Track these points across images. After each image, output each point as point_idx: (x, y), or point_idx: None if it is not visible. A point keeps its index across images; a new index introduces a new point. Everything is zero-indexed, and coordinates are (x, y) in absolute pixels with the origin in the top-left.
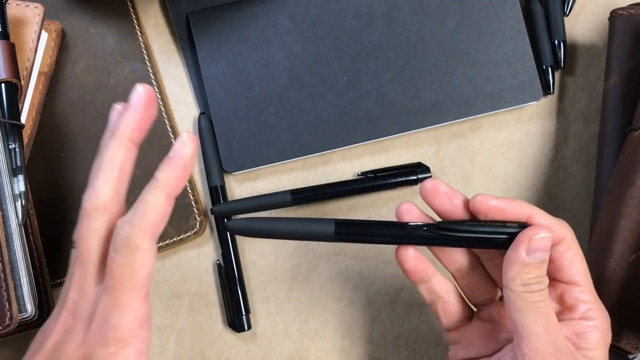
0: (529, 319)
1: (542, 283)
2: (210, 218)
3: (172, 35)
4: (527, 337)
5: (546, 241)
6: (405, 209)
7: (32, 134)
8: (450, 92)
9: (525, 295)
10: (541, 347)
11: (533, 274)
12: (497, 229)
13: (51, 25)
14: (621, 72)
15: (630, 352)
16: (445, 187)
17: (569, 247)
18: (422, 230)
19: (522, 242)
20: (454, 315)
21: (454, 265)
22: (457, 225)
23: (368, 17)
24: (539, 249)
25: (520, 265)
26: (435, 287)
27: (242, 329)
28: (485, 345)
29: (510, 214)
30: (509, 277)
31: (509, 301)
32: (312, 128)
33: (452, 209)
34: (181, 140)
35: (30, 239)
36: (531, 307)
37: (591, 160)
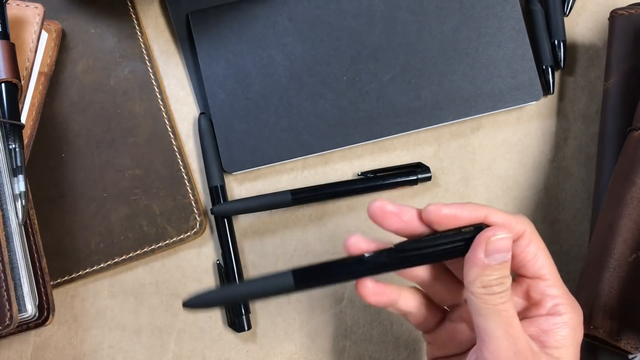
0: (490, 322)
1: (503, 284)
2: (210, 218)
3: (172, 35)
4: (488, 340)
5: (505, 241)
6: (353, 244)
7: (32, 134)
8: (450, 92)
9: (486, 297)
10: (501, 351)
11: (494, 275)
12: (453, 237)
13: (51, 25)
14: (621, 72)
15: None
16: (392, 207)
17: (530, 240)
18: (381, 258)
19: (480, 245)
20: (425, 323)
21: (418, 279)
22: (415, 244)
23: (368, 17)
24: (498, 250)
25: (479, 267)
26: (402, 307)
27: (242, 329)
28: (458, 344)
29: (464, 218)
30: (469, 280)
31: (471, 304)
32: (312, 128)
33: (404, 225)
34: None
35: (30, 239)
36: (492, 310)
37: (591, 160)
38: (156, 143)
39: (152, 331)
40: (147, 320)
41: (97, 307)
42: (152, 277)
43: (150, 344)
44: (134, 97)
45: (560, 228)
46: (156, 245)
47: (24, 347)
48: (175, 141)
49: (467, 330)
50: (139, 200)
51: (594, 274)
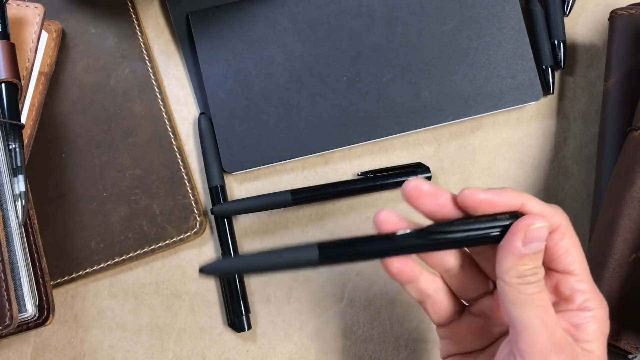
0: (526, 312)
1: (538, 274)
2: (210, 218)
3: (172, 35)
4: (524, 331)
5: (543, 231)
6: (384, 218)
7: (32, 134)
8: (450, 92)
9: (521, 287)
10: (539, 342)
11: (529, 265)
12: (489, 223)
13: (51, 25)
14: (621, 72)
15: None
16: (428, 187)
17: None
18: (412, 238)
19: (518, 233)
20: (443, 312)
21: (442, 266)
22: (448, 227)
23: (368, 17)
24: (535, 239)
25: (515, 256)
26: (423, 286)
27: (242, 329)
28: (477, 339)
29: (501, 205)
30: (504, 269)
31: (504, 294)
32: (312, 128)
33: (438, 208)
34: None
35: (30, 239)
36: (527, 299)
37: (591, 160)
38: (156, 143)
39: (152, 331)
40: (147, 320)
41: (97, 307)
42: (152, 277)
43: (150, 344)
44: (134, 97)
45: None
46: (156, 245)
47: (24, 347)
48: (175, 141)
49: (488, 325)
50: (139, 200)
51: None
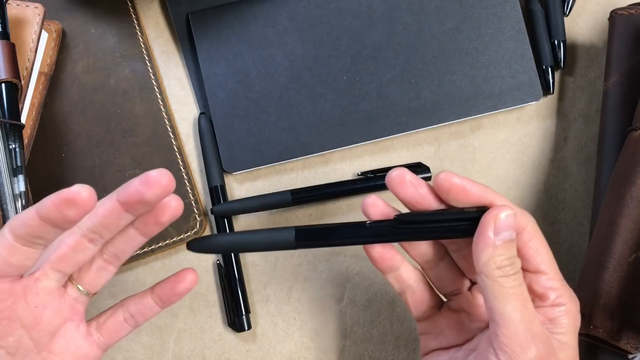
0: (506, 305)
1: (515, 265)
2: (210, 218)
3: (172, 35)
4: (504, 324)
5: (510, 219)
6: (371, 203)
7: (32, 134)
8: (450, 92)
9: (502, 280)
10: (519, 334)
11: (505, 255)
12: (457, 215)
13: (51, 25)
14: (621, 72)
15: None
16: (411, 177)
17: (532, 235)
18: (382, 227)
19: (488, 224)
20: (423, 304)
21: (422, 257)
22: (416, 217)
23: (368, 17)
24: (505, 227)
25: (490, 247)
26: (404, 276)
27: (242, 329)
28: (456, 334)
29: (473, 195)
30: (482, 262)
31: (485, 288)
32: (312, 128)
33: (418, 198)
34: None
35: None
36: (508, 292)
37: (591, 160)
38: (156, 143)
39: (152, 331)
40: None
41: (97, 307)
42: (152, 277)
43: (150, 344)
44: (134, 97)
45: (560, 228)
46: (156, 245)
47: None
48: (175, 141)
49: (467, 320)
50: None
51: (594, 274)
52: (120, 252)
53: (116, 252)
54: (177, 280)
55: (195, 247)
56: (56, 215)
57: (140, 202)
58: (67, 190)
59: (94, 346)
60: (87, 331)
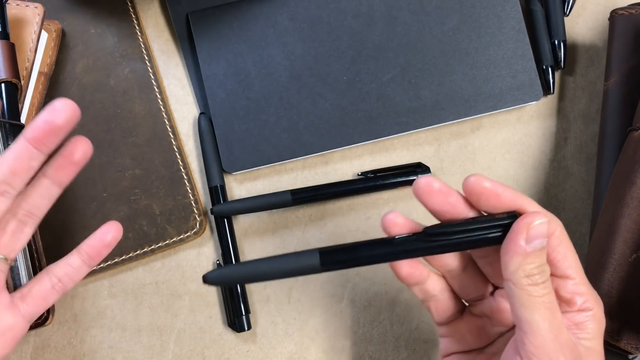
0: (534, 314)
1: (544, 273)
2: (210, 218)
3: (172, 35)
4: (532, 333)
5: (544, 227)
6: (391, 221)
7: None
8: (450, 92)
9: (530, 288)
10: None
11: (535, 263)
12: (488, 223)
13: (51, 25)
14: (621, 72)
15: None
16: (439, 185)
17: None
18: (411, 242)
19: (520, 231)
20: (446, 311)
21: (445, 267)
22: (446, 228)
23: (368, 17)
24: (537, 236)
25: (520, 256)
26: (429, 288)
27: (242, 329)
28: (477, 339)
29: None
30: (511, 270)
31: (512, 296)
32: (312, 128)
33: (448, 207)
34: None
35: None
36: (536, 302)
37: (591, 160)
38: (156, 143)
39: (152, 331)
40: (147, 320)
41: (97, 307)
42: (152, 277)
43: (150, 344)
44: (134, 97)
45: None
46: (156, 245)
47: (24, 347)
48: (175, 141)
49: (489, 325)
50: (139, 200)
51: (594, 274)
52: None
53: (30, 209)
54: (104, 232)
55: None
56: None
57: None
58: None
59: (19, 317)
60: (11, 301)
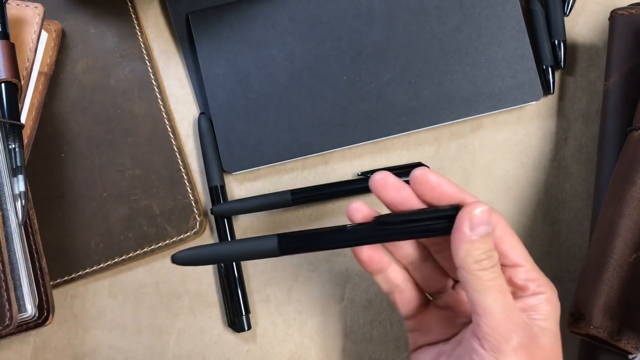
0: (487, 298)
1: (492, 258)
2: (210, 218)
3: (172, 35)
4: (486, 315)
5: (485, 214)
6: (355, 208)
7: (32, 134)
8: (450, 92)
9: (480, 273)
10: (500, 324)
11: (481, 249)
12: (433, 213)
13: (51, 25)
14: (621, 72)
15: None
16: (393, 180)
17: (505, 231)
18: (363, 230)
19: (464, 220)
20: (410, 303)
21: (406, 259)
22: (394, 218)
23: (368, 17)
24: (480, 223)
25: (467, 243)
26: (391, 276)
27: (242, 329)
28: (443, 329)
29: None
30: (461, 257)
31: (466, 282)
32: (312, 128)
33: (401, 200)
34: None
35: (30, 239)
36: (487, 285)
37: (591, 160)
38: (156, 143)
39: (152, 331)
40: (147, 320)
41: (97, 307)
42: (152, 277)
43: (150, 344)
44: (134, 97)
45: (560, 228)
46: (156, 245)
47: (24, 347)
48: (175, 141)
49: (453, 316)
50: (139, 200)
51: (594, 274)
52: None
53: None
54: None
55: (179, 259)
56: None
57: None
58: None
59: None
60: None
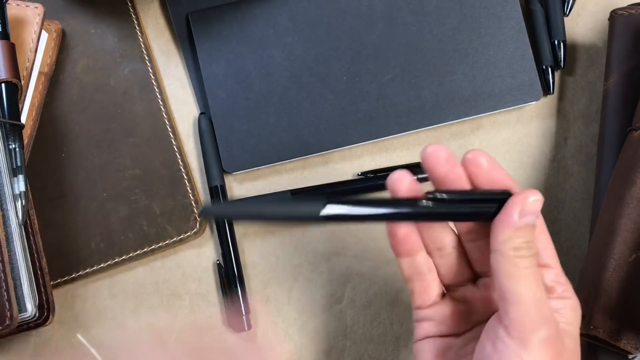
0: (519, 285)
1: (531, 249)
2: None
3: (172, 35)
4: (517, 302)
5: (537, 204)
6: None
7: (32, 134)
8: (450, 92)
9: (517, 260)
10: (531, 313)
11: (524, 238)
12: (489, 196)
13: (51, 25)
14: (621, 72)
15: (630, 352)
16: (446, 154)
17: (542, 230)
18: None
19: (515, 205)
20: (428, 292)
21: (437, 243)
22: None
23: (368, 17)
24: (530, 212)
25: (512, 228)
26: (419, 263)
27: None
28: (456, 324)
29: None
30: (500, 241)
31: (498, 267)
32: (312, 128)
33: (453, 177)
34: None
35: (30, 239)
36: (521, 273)
37: (591, 160)
38: (156, 143)
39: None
40: (147, 320)
41: (97, 307)
42: (152, 277)
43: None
44: (134, 97)
45: (560, 228)
46: (156, 245)
47: (24, 347)
48: (175, 141)
49: (469, 312)
50: (139, 200)
51: (594, 274)
52: None
53: None
54: None
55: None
56: None
57: None
58: None
59: None
60: None
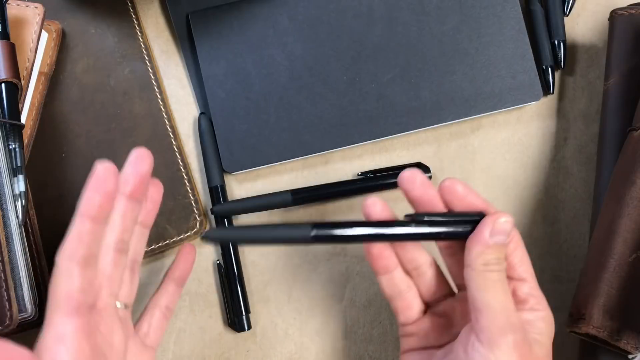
0: (487, 295)
1: (500, 265)
2: (210, 218)
3: (172, 35)
4: (485, 311)
5: (507, 225)
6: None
7: (32, 134)
8: (450, 92)
9: (486, 273)
10: (498, 319)
11: (494, 255)
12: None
13: (51, 25)
14: (621, 72)
15: (630, 352)
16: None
17: (517, 245)
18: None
19: (487, 225)
20: (410, 310)
21: (412, 262)
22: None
23: (368, 17)
24: (500, 231)
25: (483, 245)
26: (397, 281)
27: (242, 329)
28: (438, 337)
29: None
30: (472, 257)
31: (470, 280)
32: (312, 128)
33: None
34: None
35: (30, 239)
36: (490, 284)
37: (591, 160)
38: (156, 143)
39: None
40: None
41: None
42: (152, 277)
43: None
44: (134, 97)
45: (560, 228)
46: (156, 245)
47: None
48: (175, 141)
49: (449, 325)
50: None
51: (594, 274)
52: (137, 254)
53: (134, 257)
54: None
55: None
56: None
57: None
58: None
59: (151, 351)
60: (141, 340)
